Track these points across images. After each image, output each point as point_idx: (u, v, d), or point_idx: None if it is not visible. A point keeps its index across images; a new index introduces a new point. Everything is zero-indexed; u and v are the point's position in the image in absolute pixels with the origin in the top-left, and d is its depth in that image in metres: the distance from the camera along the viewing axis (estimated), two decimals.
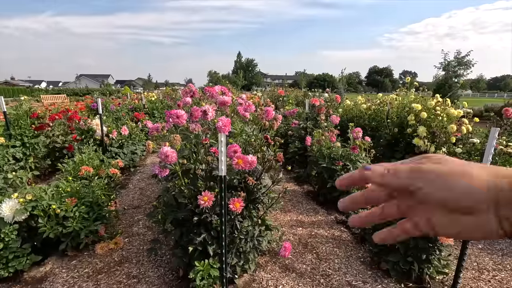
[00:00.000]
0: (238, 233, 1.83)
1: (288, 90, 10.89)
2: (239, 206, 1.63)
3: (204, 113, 1.80)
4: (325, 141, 3.36)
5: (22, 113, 3.88)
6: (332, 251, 2.41)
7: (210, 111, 1.81)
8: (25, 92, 32.86)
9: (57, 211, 2.03)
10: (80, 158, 2.91)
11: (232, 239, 1.82)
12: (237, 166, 1.64)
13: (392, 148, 4.25)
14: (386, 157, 4.33)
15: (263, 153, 1.88)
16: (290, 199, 3.55)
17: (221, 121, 1.79)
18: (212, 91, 2.10)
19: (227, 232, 1.79)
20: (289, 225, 2.87)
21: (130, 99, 8.74)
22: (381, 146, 4.49)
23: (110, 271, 2.11)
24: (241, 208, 1.64)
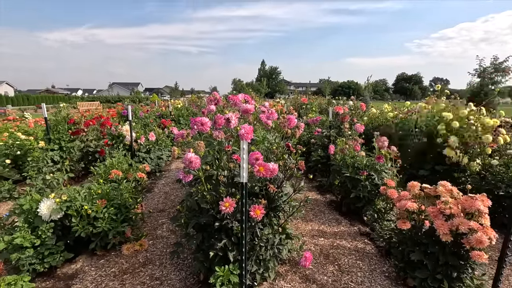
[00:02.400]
0: (258, 240, 1.84)
1: (312, 98, 10.81)
2: (259, 213, 1.64)
3: (227, 120, 1.84)
4: (349, 150, 3.29)
5: (60, 119, 4.19)
6: (355, 263, 2.34)
7: (233, 119, 1.85)
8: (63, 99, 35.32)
9: (89, 212, 2.15)
10: (111, 162, 3.07)
11: (252, 246, 1.83)
12: (258, 174, 1.65)
13: (421, 159, 4.06)
14: (414, 168, 4.14)
15: (284, 161, 1.88)
16: (312, 208, 3.49)
17: (244, 128, 1.82)
18: (235, 99, 2.15)
19: (247, 239, 1.80)
20: (310, 234, 2.82)
21: (158, 106, 9.10)
22: (409, 156, 4.31)
23: (135, 272, 2.19)
24: (261, 216, 1.65)
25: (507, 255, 1.65)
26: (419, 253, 1.95)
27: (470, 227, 1.73)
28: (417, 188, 2.12)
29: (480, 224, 1.76)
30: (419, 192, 2.12)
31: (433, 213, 1.92)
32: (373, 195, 3.00)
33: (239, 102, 2.19)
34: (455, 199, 1.93)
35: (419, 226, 2.06)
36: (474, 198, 1.82)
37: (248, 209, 1.67)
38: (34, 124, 5.22)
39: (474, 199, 1.81)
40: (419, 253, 1.95)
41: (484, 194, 1.87)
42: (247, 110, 2.08)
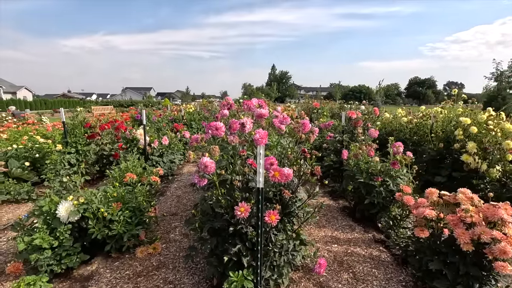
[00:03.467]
0: (272, 246, 1.82)
1: (323, 102, 10.74)
2: (274, 218, 1.63)
3: (242, 125, 1.85)
4: (363, 155, 3.24)
5: (77, 123, 4.30)
6: (370, 271, 2.29)
7: (248, 124, 1.86)
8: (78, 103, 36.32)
9: (105, 214, 2.19)
10: (126, 166, 3.13)
11: (266, 252, 1.81)
12: (273, 179, 1.65)
13: (437, 165, 3.96)
14: (430, 174, 4.04)
15: (299, 166, 1.87)
16: (325, 214, 3.45)
17: (259, 133, 1.82)
18: (249, 104, 2.16)
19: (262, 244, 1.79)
20: (323, 241, 2.78)
21: (170, 110, 9.23)
22: (424, 162, 4.21)
23: (149, 275, 2.20)
24: (276, 221, 1.64)
25: None
26: (438, 262, 1.89)
27: (493, 237, 1.67)
28: (436, 195, 2.07)
29: (503, 234, 1.69)
30: (437, 199, 2.06)
31: (453, 222, 1.86)
32: (388, 201, 2.94)
33: (253, 106, 2.19)
34: (476, 207, 1.87)
35: (437, 234, 2.00)
36: (496, 206, 1.76)
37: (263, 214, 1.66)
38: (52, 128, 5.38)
39: (497, 207, 1.75)
40: (438, 263, 1.89)
41: (507, 203, 1.80)
42: (261, 115, 2.09)
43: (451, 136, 3.83)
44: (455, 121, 3.90)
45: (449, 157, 3.86)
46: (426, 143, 4.22)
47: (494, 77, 19.66)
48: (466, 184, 3.55)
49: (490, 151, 3.51)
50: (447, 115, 4.21)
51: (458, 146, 3.65)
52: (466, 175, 3.57)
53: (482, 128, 3.60)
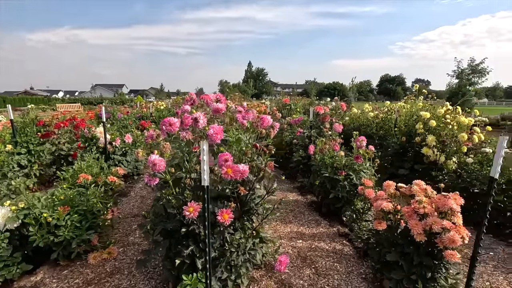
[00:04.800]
0: (229, 245, 1.75)
1: (296, 99, 10.81)
2: (227, 217, 1.56)
3: (195, 120, 1.75)
4: (328, 150, 3.26)
5: (28, 121, 3.96)
6: (332, 266, 2.29)
7: (201, 119, 1.76)
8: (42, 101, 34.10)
9: (49, 220, 2.00)
10: (79, 166, 2.91)
11: (223, 252, 1.74)
12: (226, 176, 1.57)
13: (400, 158, 4.09)
14: (395, 167, 4.17)
15: (255, 162, 1.81)
16: (292, 209, 3.44)
17: (213, 128, 1.73)
18: (206, 98, 2.06)
19: (217, 244, 1.72)
20: (288, 237, 2.76)
21: (139, 107, 8.87)
22: (389, 156, 4.33)
23: (100, 283, 2.05)
24: (229, 220, 1.57)
25: (479, 254, 1.63)
26: (395, 253, 1.92)
27: (443, 226, 1.71)
28: (393, 188, 2.09)
29: (453, 223, 1.74)
30: (394, 192, 2.09)
31: (407, 213, 1.89)
32: (352, 195, 2.97)
33: (210, 101, 2.10)
34: (430, 198, 1.91)
35: (395, 226, 2.03)
36: (447, 196, 1.80)
37: (216, 213, 1.58)
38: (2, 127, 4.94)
39: (447, 197, 1.79)
40: (395, 254, 1.91)
41: (456, 193, 1.85)
42: (218, 110, 2.00)
43: (413, 130, 3.96)
44: (416, 116, 4.03)
45: (411, 150, 3.99)
46: (391, 137, 4.34)
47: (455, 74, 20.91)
48: (427, 175, 3.69)
49: (447, 143, 3.67)
50: (409, 110, 4.36)
51: (419, 140, 3.78)
52: (426, 167, 3.71)
53: (441, 122, 3.75)
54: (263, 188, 1.90)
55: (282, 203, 1.98)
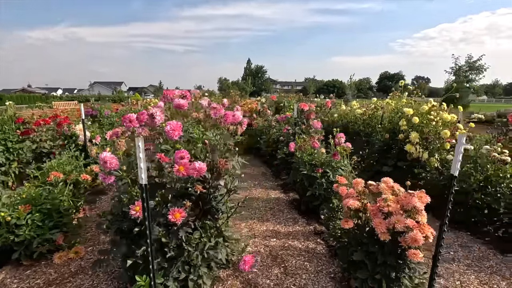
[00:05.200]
0: (186, 245, 1.71)
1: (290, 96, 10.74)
2: (179, 216, 1.51)
3: (151, 116, 1.70)
4: (307, 147, 3.20)
5: (7, 118, 3.91)
6: (302, 265, 2.24)
7: (158, 115, 1.71)
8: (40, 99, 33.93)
9: (8, 219, 1.96)
10: (50, 164, 2.86)
11: (181, 252, 1.69)
12: (178, 173, 1.52)
13: (384, 155, 4.04)
14: (379, 164, 4.12)
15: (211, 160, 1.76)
16: (272, 207, 3.39)
17: (170, 125, 1.68)
18: (169, 93, 2.00)
19: (173, 244, 1.67)
20: (263, 235, 2.71)
21: (131, 104, 8.80)
22: (374, 153, 4.29)
23: (62, 283, 2.01)
24: (181, 219, 1.52)
25: (440, 253, 1.58)
26: (360, 253, 1.87)
27: (406, 225, 1.66)
28: (361, 185, 2.04)
29: (416, 222, 1.69)
30: (363, 189, 2.04)
31: (372, 211, 1.84)
32: (329, 193, 2.92)
33: (173, 97, 2.04)
34: (396, 196, 1.86)
35: (362, 225, 1.98)
36: (411, 194, 1.76)
37: (165, 212, 1.54)
38: None
39: (411, 196, 1.74)
40: (361, 253, 1.87)
41: (422, 191, 1.80)
42: (180, 106, 1.95)
43: (397, 127, 3.91)
44: (400, 113, 3.98)
45: (395, 147, 3.94)
46: (375, 134, 4.29)
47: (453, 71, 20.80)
48: (409, 173, 3.64)
49: (431, 140, 3.62)
50: (395, 106, 4.30)
51: (403, 137, 3.73)
52: (409, 164, 3.66)
53: (424, 119, 3.70)
54: (223, 187, 1.85)
55: (245, 202, 1.93)
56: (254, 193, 3.90)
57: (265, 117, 6.03)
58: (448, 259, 2.35)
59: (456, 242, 2.62)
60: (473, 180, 2.74)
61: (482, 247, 2.51)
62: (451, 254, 2.42)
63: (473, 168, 2.85)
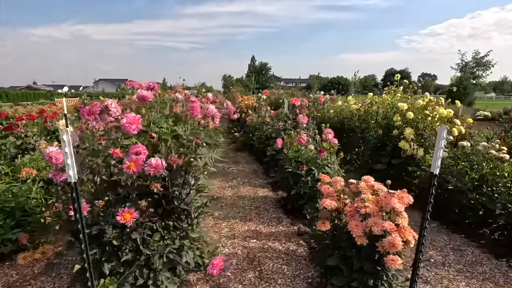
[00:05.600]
0: (144, 248, 1.57)
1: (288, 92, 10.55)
2: (129, 217, 1.38)
3: (105, 108, 1.56)
4: (293, 143, 3.05)
5: None
6: (280, 269, 2.10)
7: (113, 107, 1.57)
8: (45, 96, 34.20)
9: None
10: (22, 160, 2.76)
11: (136, 256, 1.56)
12: (128, 170, 1.39)
13: (378, 152, 3.86)
14: (374, 161, 3.95)
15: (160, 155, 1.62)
16: (258, 206, 3.26)
17: (127, 117, 1.55)
18: (134, 84, 1.87)
19: (129, 247, 1.54)
20: (243, 236, 2.58)
21: None
22: (369, 150, 4.11)
23: (22, 285, 1.90)
24: (132, 220, 1.38)
25: (420, 260, 1.42)
26: (336, 257, 1.72)
27: (384, 229, 1.51)
28: (340, 184, 1.89)
29: (396, 225, 1.54)
30: (342, 188, 1.88)
31: (349, 213, 1.69)
32: (315, 191, 2.77)
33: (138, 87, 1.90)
34: (377, 196, 1.70)
35: (340, 227, 1.83)
36: (391, 194, 1.60)
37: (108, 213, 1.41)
38: None
39: (391, 195, 1.58)
40: (337, 258, 1.72)
41: (404, 190, 1.64)
42: (144, 97, 1.81)
43: (391, 123, 3.72)
44: (395, 108, 3.79)
45: (390, 144, 3.76)
46: (369, 130, 4.11)
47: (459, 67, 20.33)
48: (404, 171, 3.48)
49: (426, 137, 3.44)
50: (390, 101, 4.11)
51: (397, 133, 3.55)
52: (404, 161, 3.49)
53: (419, 114, 3.51)
54: (188, 185, 1.71)
55: (213, 201, 1.79)
56: (242, 191, 3.76)
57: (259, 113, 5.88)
58: (438, 264, 2.19)
59: (448, 245, 2.45)
60: (468, 179, 2.56)
61: (476, 251, 2.34)
62: (441, 258, 2.25)
63: (468, 166, 2.67)
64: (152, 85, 1.97)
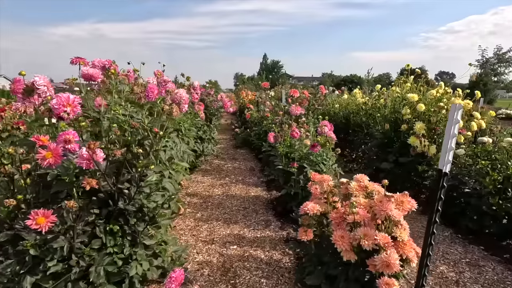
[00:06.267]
0: (78, 258, 1.29)
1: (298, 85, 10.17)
2: (44, 222, 1.08)
3: (32, 85, 1.28)
4: (285, 137, 2.71)
5: None
6: (257, 282, 1.78)
7: (42, 84, 1.29)
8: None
9: None
10: None
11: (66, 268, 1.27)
12: (42, 162, 1.10)
13: (385, 149, 3.46)
14: (380, 160, 3.55)
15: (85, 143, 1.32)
16: (246, 207, 2.94)
17: (59, 98, 1.26)
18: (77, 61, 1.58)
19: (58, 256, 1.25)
20: (223, 241, 2.26)
21: None
22: (375, 147, 3.72)
23: None
24: (48, 225, 1.09)
25: (425, 276, 1.07)
26: (318, 274, 1.39)
27: (377, 243, 1.16)
28: (327, 184, 1.54)
29: (392, 238, 1.19)
30: (330, 189, 1.54)
31: (334, 220, 1.35)
32: (308, 191, 2.42)
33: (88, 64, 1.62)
34: (371, 200, 1.36)
35: (325, 237, 1.49)
36: (388, 198, 1.24)
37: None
38: None
39: (388, 199, 1.23)
40: (318, 275, 1.38)
41: (405, 193, 1.28)
42: (91, 76, 1.52)
43: (399, 117, 3.32)
44: (404, 99, 3.38)
45: (397, 141, 3.35)
46: (375, 125, 3.72)
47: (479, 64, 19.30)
48: (412, 170, 3.08)
49: (440, 132, 3.02)
50: (400, 93, 3.69)
51: (406, 127, 3.14)
52: (413, 160, 3.08)
53: (432, 106, 3.10)
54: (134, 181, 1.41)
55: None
56: (233, 190, 3.45)
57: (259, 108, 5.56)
58: (450, 282, 1.81)
59: (463, 259, 2.06)
60: (489, 180, 2.16)
61: (498, 267, 1.94)
62: (454, 275, 1.87)
63: (489, 166, 2.26)
64: (108, 64, 1.68)
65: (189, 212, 2.77)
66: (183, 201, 3.00)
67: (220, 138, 7.01)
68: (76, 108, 1.29)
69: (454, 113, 0.88)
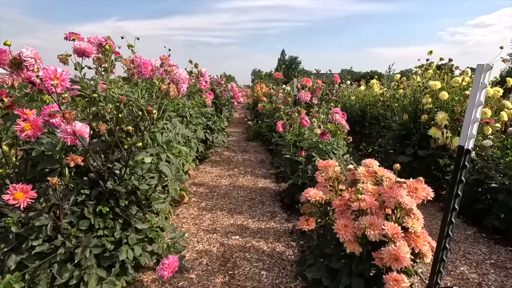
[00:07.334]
0: (65, 238, 1.23)
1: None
2: (22, 197, 1.02)
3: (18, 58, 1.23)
4: (294, 126, 2.58)
5: None
6: (257, 274, 1.68)
7: (28, 56, 1.23)
8: None
9: None
10: None
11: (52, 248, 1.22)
12: (20, 134, 1.04)
13: (403, 141, 3.24)
14: (397, 153, 3.33)
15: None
16: (253, 198, 2.84)
17: (45, 70, 1.20)
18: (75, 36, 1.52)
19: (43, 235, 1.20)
20: (225, 231, 2.18)
21: None
22: (392, 139, 3.49)
23: None
24: (27, 201, 1.03)
25: (440, 273, 0.92)
26: (319, 267, 1.26)
27: (384, 233, 1.02)
28: (332, 169, 1.40)
29: (403, 228, 1.04)
30: (336, 175, 1.40)
31: (338, 208, 1.22)
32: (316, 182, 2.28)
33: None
34: (379, 187, 1.21)
35: (328, 227, 1.36)
36: (399, 184, 1.10)
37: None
38: None
39: (399, 185, 1.08)
40: (320, 268, 1.26)
41: (420, 179, 1.13)
42: (83, 51, 1.46)
43: (419, 106, 3.09)
44: (425, 88, 3.13)
45: (416, 132, 3.13)
46: (391, 116, 3.49)
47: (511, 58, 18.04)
48: (433, 164, 2.86)
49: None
50: (421, 81, 3.44)
51: (426, 118, 2.92)
52: (433, 153, 2.86)
53: (456, 95, 2.85)
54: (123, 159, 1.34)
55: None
56: (241, 181, 3.36)
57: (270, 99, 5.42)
58: (472, 285, 1.62)
59: (488, 259, 1.85)
60: None
61: None
62: (477, 277, 1.68)
63: None
64: (104, 41, 1.62)
65: (194, 201, 2.71)
66: (189, 190, 2.95)
67: (233, 131, 6.95)
68: (64, 82, 1.23)
69: (480, 75, 0.72)
